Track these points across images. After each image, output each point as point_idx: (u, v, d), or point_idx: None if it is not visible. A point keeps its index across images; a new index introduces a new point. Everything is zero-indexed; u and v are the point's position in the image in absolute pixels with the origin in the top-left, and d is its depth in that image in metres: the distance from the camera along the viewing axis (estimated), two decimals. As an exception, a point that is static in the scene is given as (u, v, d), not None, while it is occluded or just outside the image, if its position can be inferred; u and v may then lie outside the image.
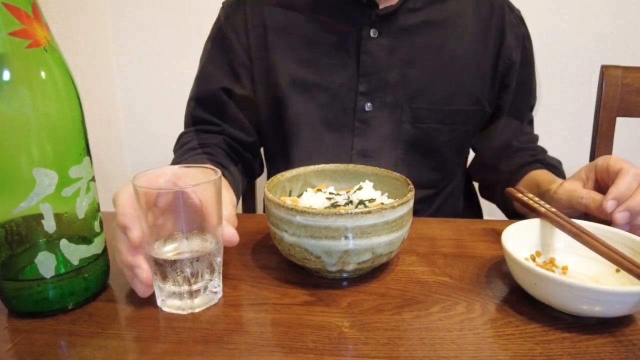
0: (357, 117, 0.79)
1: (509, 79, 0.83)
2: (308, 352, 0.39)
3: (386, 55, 0.78)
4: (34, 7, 0.40)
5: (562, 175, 0.81)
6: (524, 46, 0.83)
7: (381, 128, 0.79)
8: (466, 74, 0.80)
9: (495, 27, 0.81)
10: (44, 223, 0.42)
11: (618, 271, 0.49)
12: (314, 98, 0.80)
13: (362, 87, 0.79)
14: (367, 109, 0.79)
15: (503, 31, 0.81)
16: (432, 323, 0.43)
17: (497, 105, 0.85)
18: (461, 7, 0.80)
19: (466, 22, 0.80)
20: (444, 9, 0.80)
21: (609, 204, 0.54)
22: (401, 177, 0.56)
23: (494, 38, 0.81)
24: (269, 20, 0.81)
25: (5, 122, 0.39)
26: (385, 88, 0.79)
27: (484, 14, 0.81)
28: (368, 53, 0.78)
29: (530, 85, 0.87)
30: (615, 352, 0.39)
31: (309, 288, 0.49)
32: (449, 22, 0.80)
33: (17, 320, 0.44)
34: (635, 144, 1.25)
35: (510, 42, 0.81)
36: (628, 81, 0.91)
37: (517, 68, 0.83)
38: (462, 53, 0.80)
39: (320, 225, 0.45)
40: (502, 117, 0.85)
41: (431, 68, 0.79)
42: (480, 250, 0.58)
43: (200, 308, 0.45)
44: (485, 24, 0.81)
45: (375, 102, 0.79)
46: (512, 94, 0.84)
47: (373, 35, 0.78)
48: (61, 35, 1.30)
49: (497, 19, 0.81)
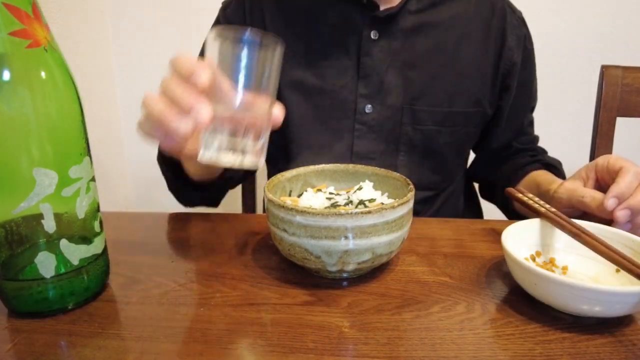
0: (357, 119, 0.79)
1: (509, 80, 0.83)
2: (308, 352, 0.39)
3: (386, 57, 0.78)
4: (34, 7, 0.40)
5: (562, 175, 0.81)
6: (525, 47, 0.83)
7: (381, 130, 0.79)
8: (467, 75, 0.80)
9: (496, 28, 0.80)
10: (44, 223, 0.42)
11: (618, 271, 0.49)
12: (314, 100, 0.80)
13: (362, 89, 0.78)
14: (367, 110, 0.79)
15: (504, 32, 0.80)
16: (432, 323, 0.43)
17: (497, 106, 0.85)
18: (462, 9, 0.80)
19: (467, 24, 0.80)
20: (444, 11, 0.79)
21: (609, 202, 0.54)
22: (401, 177, 0.56)
23: (494, 39, 0.80)
24: (268, 21, 0.81)
25: (5, 122, 0.39)
26: (386, 90, 0.79)
27: (484, 15, 0.81)
28: (368, 55, 0.78)
29: (530, 86, 0.87)
30: (615, 352, 0.39)
31: (309, 288, 0.49)
32: (450, 24, 0.79)
33: (17, 320, 0.44)
34: (635, 144, 1.25)
35: (512, 43, 0.81)
36: (628, 81, 0.91)
37: (518, 69, 0.82)
38: (463, 54, 0.79)
39: (320, 225, 0.45)
40: (503, 118, 0.85)
41: (431, 70, 0.79)
42: (480, 250, 0.58)
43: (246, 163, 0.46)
44: (486, 25, 0.80)
45: (375, 104, 0.79)
46: (513, 95, 0.84)
47: (373, 37, 0.77)
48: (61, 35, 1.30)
49: (498, 20, 0.81)
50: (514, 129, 0.87)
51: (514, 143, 0.87)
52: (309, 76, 0.80)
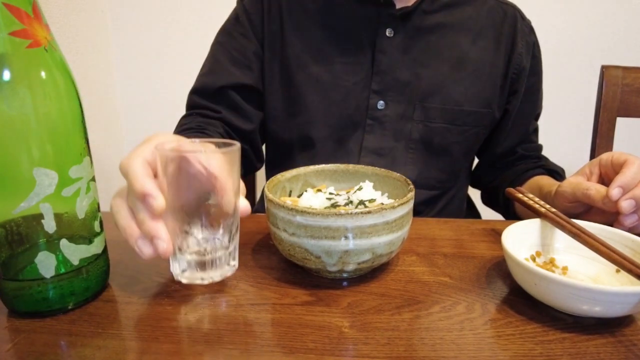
0: (369, 114, 0.81)
1: (518, 85, 0.84)
2: (308, 352, 0.39)
3: (400, 54, 0.80)
4: (34, 7, 0.40)
5: None
6: (533, 54, 0.85)
7: (392, 126, 0.81)
8: (478, 76, 0.81)
9: (507, 33, 0.82)
10: (44, 223, 0.42)
11: (618, 271, 0.49)
12: (327, 95, 0.81)
13: (375, 85, 0.80)
14: (379, 107, 0.80)
15: (514, 38, 0.82)
16: (432, 323, 0.43)
17: (505, 110, 0.86)
18: (475, 12, 0.82)
19: (479, 27, 0.82)
20: (458, 13, 0.81)
21: (614, 192, 0.54)
22: (401, 177, 0.56)
23: (505, 44, 0.82)
24: (285, 15, 0.82)
25: (6, 122, 0.39)
26: (398, 87, 0.80)
27: (496, 20, 0.83)
28: (383, 52, 0.79)
29: (537, 93, 0.88)
30: (615, 352, 0.39)
31: (309, 288, 0.49)
32: (463, 25, 0.81)
33: (17, 320, 0.44)
34: (635, 144, 1.25)
35: (521, 49, 0.82)
36: (628, 81, 0.91)
37: (526, 74, 0.84)
38: (474, 56, 0.81)
39: (320, 225, 0.45)
40: (509, 123, 0.87)
41: (443, 69, 0.80)
42: (480, 250, 0.58)
43: (218, 278, 0.46)
44: (497, 29, 0.82)
45: (387, 100, 0.80)
46: (520, 100, 0.85)
47: (389, 35, 0.79)
48: (61, 35, 1.30)
49: (509, 26, 0.83)
50: (519, 135, 0.88)
51: (519, 149, 0.88)
52: (324, 72, 0.81)
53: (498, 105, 0.84)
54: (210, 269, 0.46)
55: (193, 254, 0.45)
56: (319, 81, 0.81)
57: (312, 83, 0.81)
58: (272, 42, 0.83)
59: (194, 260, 0.46)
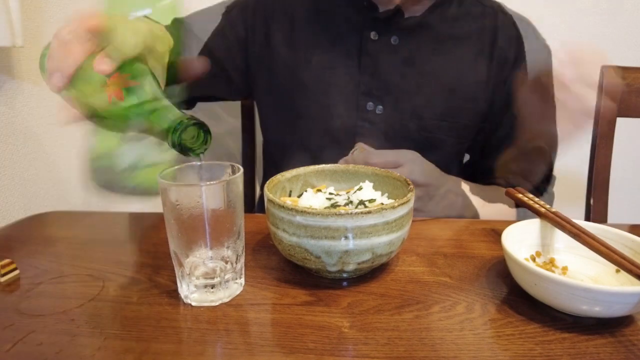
0: (360, 116, 0.82)
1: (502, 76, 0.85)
2: (308, 352, 0.39)
3: (386, 56, 0.81)
4: None
5: None
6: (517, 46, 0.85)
7: (383, 126, 0.82)
8: (462, 72, 0.83)
9: (488, 28, 0.84)
10: None
11: (618, 271, 0.49)
12: (318, 100, 0.83)
13: (363, 87, 0.82)
14: (368, 108, 0.82)
15: (496, 33, 0.84)
16: (432, 323, 0.43)
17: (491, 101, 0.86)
18: (457, 12, 0.84)
19: (462, 25, 0.83)
20: (441, 13, 0.83)
21: None
22: (401, 177, 0.56)
23: (487, 39, 0.84)
24: (271, 25, 0.84)
25: None
26: (386, 87, 0.81)
27: (477, 17, 0.85)
28: (368, 54, 0.81)
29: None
30: (615, 352, 0.39)
31: (309, 288, 0.49)
32: (446, 25, 0.83)
33: (17, 320, 0.44)
34: (635, 144, 1.25)
35: (502, 43, 0.84)
36: (628, 81, 0.91)
37: (510, 65, 0.84)
38: (459, 53, 0.83)
39: (320, 225, 0.45)
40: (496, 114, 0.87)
41: (429, 68, 0.82)
42: (480, 250, 0.58)
43: (227, 299, 0.47)
44: (479, 26, 0.84)
45: (376, 101, 0.82)
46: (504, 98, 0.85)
47: (373, 38, 0.81)
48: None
49: (490, 21, 0.84)
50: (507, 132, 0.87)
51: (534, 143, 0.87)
52: (312, 75, 0.83)
53: (484, 98, 0.85)
54: (219, 290, 0.46)
55: (200, 277, 0.46)
56: (308, 87, 0.83)
57: (302, 89, 0.83)
58: (259, 53, 0.85)
59: (202, 283, 0.46)
